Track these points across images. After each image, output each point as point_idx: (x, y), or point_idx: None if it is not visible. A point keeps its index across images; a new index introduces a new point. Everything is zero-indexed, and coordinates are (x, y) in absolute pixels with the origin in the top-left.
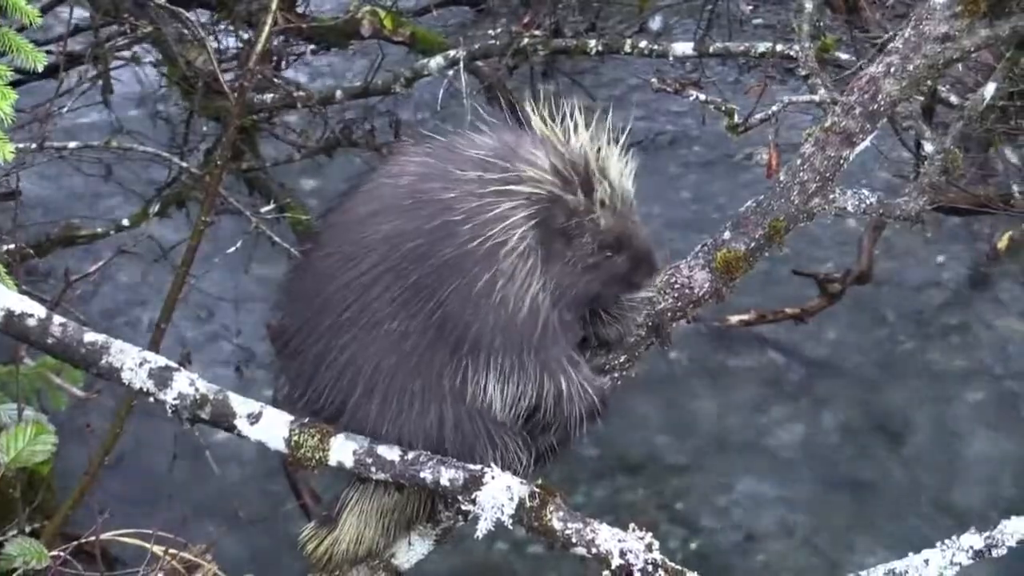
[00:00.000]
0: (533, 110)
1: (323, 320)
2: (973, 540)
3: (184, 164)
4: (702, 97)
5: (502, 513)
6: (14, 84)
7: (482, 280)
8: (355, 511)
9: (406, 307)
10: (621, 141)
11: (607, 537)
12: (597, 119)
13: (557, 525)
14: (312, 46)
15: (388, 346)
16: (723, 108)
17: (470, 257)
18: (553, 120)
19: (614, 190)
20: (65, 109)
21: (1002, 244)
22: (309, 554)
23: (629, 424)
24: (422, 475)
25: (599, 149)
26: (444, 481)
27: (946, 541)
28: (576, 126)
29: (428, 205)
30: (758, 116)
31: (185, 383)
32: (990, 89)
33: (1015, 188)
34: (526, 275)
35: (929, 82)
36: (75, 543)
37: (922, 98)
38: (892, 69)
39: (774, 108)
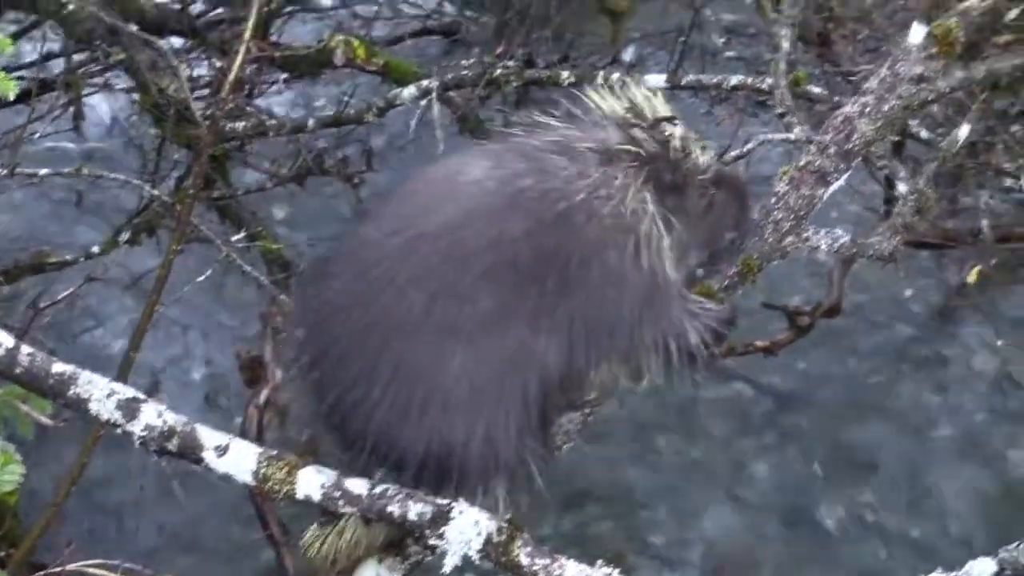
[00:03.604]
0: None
1: (382, 337)
2: None
3: (155, 192)
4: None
5: (469, 548)
6: None
7: (617, 258)
8: None
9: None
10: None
11: (574, 573)
12: None
13: (524, 560)
14: (285, 75)
15: (484, 355)
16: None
17: (600, 240)
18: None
19: (678, 134)
20: (36, 135)
21: (971, 278)
22: (314, 556)
23: (597, 456)
24: (389, 509)
25: (643, 101)
26: (412, 515)
27: None
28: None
29: (534, 201)
30: (733, 153)
31: (153, 414)
32: (964, 131)
33: (984, 223)
34: (658, 239)
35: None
36: (41, 573)
37: (896, 137)
38: (867, 109)
39: (750, 145)
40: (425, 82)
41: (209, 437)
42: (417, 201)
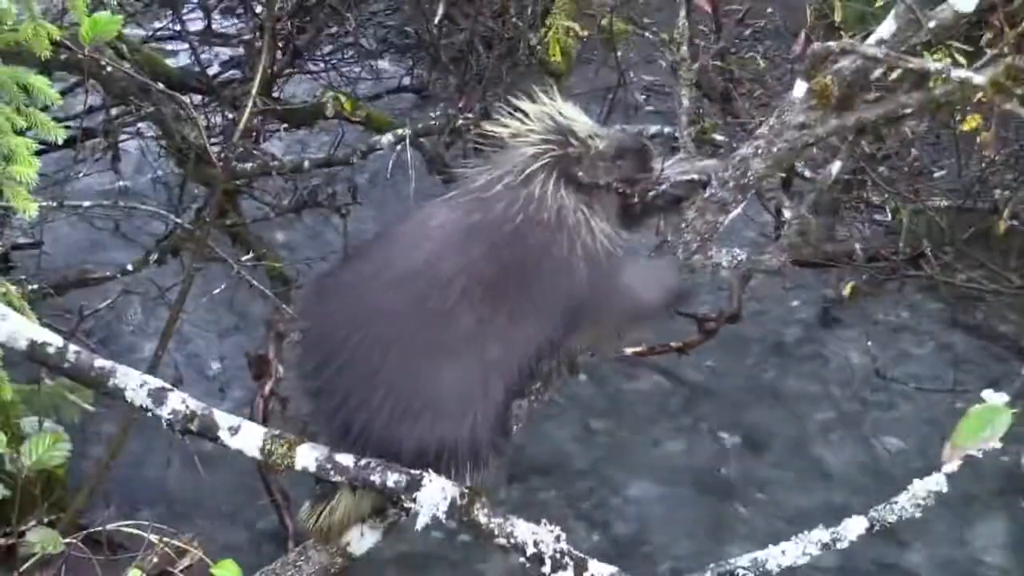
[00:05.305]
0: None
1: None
2: (821, 535)
3: (179, 220)
4: None
5: (438, 510)
6: (38, 153)
7: (560, 252)
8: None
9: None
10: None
11: (523, 530)
12: None
13: (482, 520)
14: (285, 124)
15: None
16: None
17: (545, 243)
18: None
19: (577, 121)
20: (81, 174)
21: (847, 292)
22: (310, 528)
23: (542, 435)
24: (372, 478)
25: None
26: (390, 483)
27: (799, 535)
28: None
29: (485, 231)
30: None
31: (178, 401)
32: (836, 167)
33: (856, 246)
34: (586, 224)
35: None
36: (85, 532)
37: (783, 174)
38: (759, 151)
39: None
40: (400, 130)
41: (224, 420)
42: (399, 244)
